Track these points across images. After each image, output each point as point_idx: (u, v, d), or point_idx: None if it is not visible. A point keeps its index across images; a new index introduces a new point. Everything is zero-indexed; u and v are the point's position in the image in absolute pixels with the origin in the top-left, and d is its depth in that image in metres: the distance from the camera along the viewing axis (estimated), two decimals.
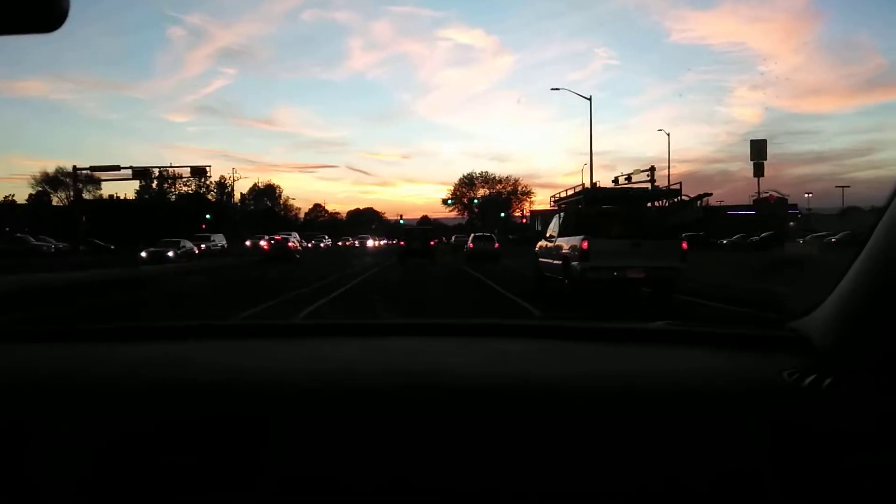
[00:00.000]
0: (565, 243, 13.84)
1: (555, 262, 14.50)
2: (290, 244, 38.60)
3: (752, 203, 68.60)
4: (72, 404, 1.09)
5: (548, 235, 16.10)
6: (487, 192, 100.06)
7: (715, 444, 0.93)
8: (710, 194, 26.73)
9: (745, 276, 16.77)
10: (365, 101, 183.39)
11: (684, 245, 12.79)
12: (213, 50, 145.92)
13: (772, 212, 57.27)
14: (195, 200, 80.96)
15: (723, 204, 64.59)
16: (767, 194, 63.41)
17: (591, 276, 12.55)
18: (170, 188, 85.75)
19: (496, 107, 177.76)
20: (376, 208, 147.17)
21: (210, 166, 47.57)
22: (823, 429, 0.91)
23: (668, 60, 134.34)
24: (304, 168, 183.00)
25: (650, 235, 12.86)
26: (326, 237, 77.45)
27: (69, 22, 0.81)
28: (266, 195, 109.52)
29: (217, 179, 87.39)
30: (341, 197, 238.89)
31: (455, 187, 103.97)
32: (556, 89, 39.59)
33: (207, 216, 57.05)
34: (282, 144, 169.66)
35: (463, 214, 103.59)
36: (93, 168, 48.36)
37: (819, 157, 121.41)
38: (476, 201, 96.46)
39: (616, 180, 35.56)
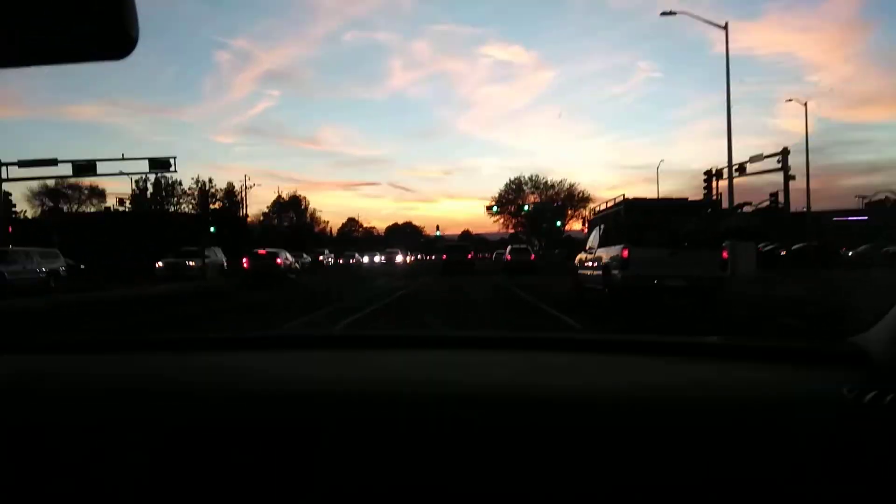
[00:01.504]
0: (605, 253, 14.12)
1: (595, 272, 14.76)
2: (278, 261, 29.93)
3: (863, 207, 60.38)
4: (132, 412, 1.12)
5: (587, 247, 16.38)
6: (538, 198, 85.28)
7: (774, 459, 0.92)
8: (749, 203, 25.50)
9: None
10: (406, 118, 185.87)
11: (724, 254, 12.96)
12: (258, 73, 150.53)
13: (891, 216, 49.95)
14: (205, 212, 68.11)
15: (826, 209, 56.31)
16: (884, 195, 56.09)
17: (631, 284, 12.78)
18: (174, 199, 74.19)
19: (536, 121, 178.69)
20: (418, 224, 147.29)
21: (175, 157, 37.09)
22: (884, 445, 0.90)
23: (713, 72, 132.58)
24: (346, 186, 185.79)
25: (690, 244, 13.06)
26: (327, 251, 62.46)
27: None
28: (291, 207, 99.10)
29: (225, 187, 77.10)
30: (384, 214, 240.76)
31: (501, 194, 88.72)
32: (670, 13, 29.88)
33: (212, 229, 48.60)
34: (325, 163, 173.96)
35: (509, 226, 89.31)
36: (21, 163, 36.61)
37: (872, 168, 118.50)
38: (526, 208, 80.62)
39: (742, 168, 31.84)
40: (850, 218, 56.73)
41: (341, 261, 62.43)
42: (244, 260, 30.07)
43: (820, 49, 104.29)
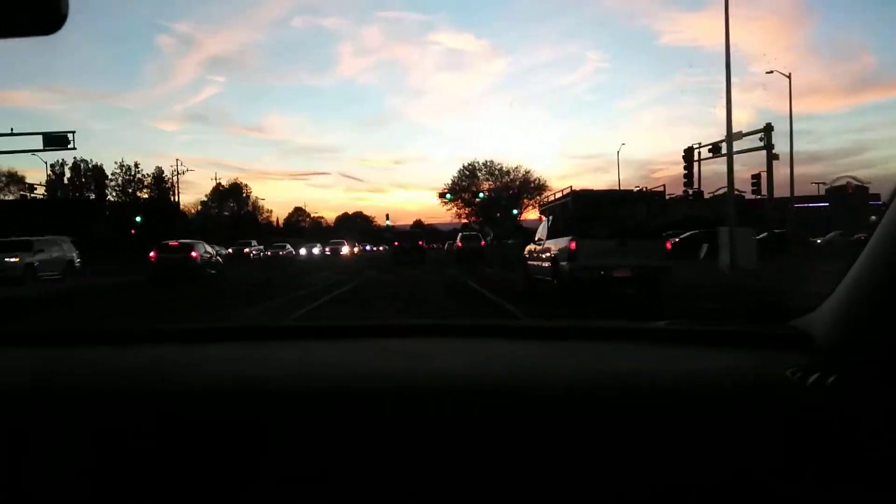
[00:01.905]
0: (554, 245, 14.28)
1: (543, 264, 14.93)
2: (193, 254, 24.41)
3: (824, 194, 59.24)
4: (74, 407, 1.09)
5: (536, 238, 16.54)
6: (492, 186, 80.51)
7: (720, 442, 0.94)
8: (692, 196, 25.18)
9: None
10: (356, 107, 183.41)
11: (668, 245, 13.25)
12: (202, 58, 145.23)
13: (850, 203, 49.49)
14: (100, 198, 63.71)
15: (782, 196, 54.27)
16: (845, 181, 54.73)
17: (578, 275, 12.96)
18: (93, 184, 67.40)
19: (488, 111, 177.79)
20: (369, 214, 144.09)
21: (74, 132, 34.75)
22: (828, 426, 0.92)
23: (660, 62, 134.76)
24: (296, 175, 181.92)
25: (636, 236, 13.31)
26: (254, 242, 53.22)
27: (58, 31, 0.82)
28: (231, 196, 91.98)
29: (154, 172, 70.75)
30: (334, 204, 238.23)
31: (454, 181, 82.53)
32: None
33: (137, 219, 46.94)
34: (273, 152, 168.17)
35: (461, 216, 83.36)
36: None
37: (812, 158, 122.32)
38: (481, 196, 76.39)
39: (716, 147, 29.97)
40: (810, 205, 55.73)
41: (270, 253, 52.82)
42: (152, 253, 24.43)
43: (762, 40, 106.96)
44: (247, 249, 50.76)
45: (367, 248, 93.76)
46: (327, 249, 59.83)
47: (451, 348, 1.40)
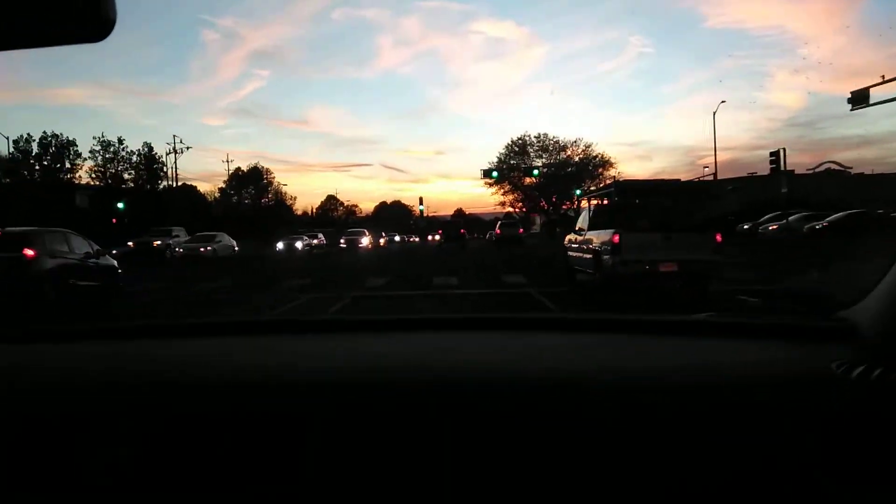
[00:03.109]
0: (595, 237, 13.68)
1: (585, 255, 14.36)
2: (27, 252, 12.35)
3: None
4: (111, 401, 1.10)
5: (577, 228, 15.95)
6: (546, 162, 67.23)
7: (765, 435, 0.93)
8: (740, 187, 22.76)
9: None
10: (397, 98, 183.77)
11: (718, 237, 12.53)
12: (246, 53, 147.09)
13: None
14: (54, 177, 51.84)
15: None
16: (825, 167, 51.30)
17: (622, 270, 12.38)
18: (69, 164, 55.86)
19: (529, 99, 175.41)
20: (408, 203, 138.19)
21: None
22: (873, 420, 0.91)
23: (705, 46, 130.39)
24: (338, 167, 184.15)
25: (683, 228, 12.62)
26: (179, 234, 35.03)
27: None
28: (251, 182, 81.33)
29: (141, 150, 59.61)
30: (377, 195, 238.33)
31: (500, 159, 68.47)
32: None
33: (120, 205, 39.89)
34: (316, 144, 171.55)
35: (506, 203, 71.06)
36: None
37: (864, 141, 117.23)
38: (536, 173, 60.58)
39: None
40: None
41: (204, 249, 31.35)
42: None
43: (811, 22, 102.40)
44: (158, 242, 32.16)
45: (396, 238, 78.35)
46: (342, 241, 45.65)
47: (480, 342, 1.40)
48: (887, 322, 1.03)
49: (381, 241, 55.06)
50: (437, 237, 51.24)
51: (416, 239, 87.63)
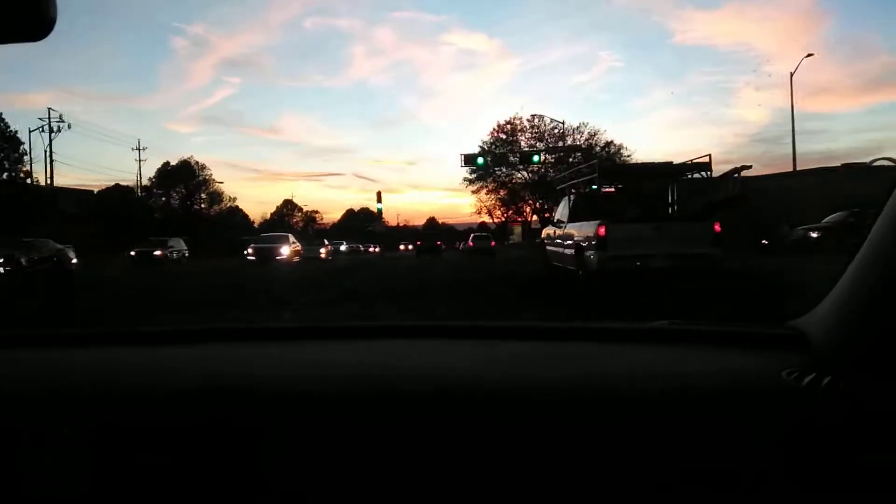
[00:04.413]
0: (577, 230, 12.05)
1: (566, 251, 12.73)
2: None
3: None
4: (69, 408, 1.10)
5: (556, 220, 14.32)
6: (541, 151, 51.07)
7: (715, 444, 0.93)
8: (750, 166, 20.12)
9: None
10: (369, 107, 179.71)
11: (717, 227, 10.93)
12: (216, 60, 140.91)
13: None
14: None
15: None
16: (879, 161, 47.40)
17: (610, 266, 10.77)
18: None
19: (501, 110, 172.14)
20: (385, 216, 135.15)
21: None
22: (823, 428, 0.91)
23: (673, 62, 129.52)
24: (310, 176, 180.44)
25: (677, 217, 11.01)
26: None
27: (74, 34, 1.10)
28: (181, 178, 69.24)
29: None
30: (349, 205, 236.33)
31: (485, 149, 55.05)
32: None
33: None
34: (288, 153, 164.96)
35: (488, 206, 61.33)
36: None
37: (828, 157, 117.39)
38: (537, 159, 47.37)
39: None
40: None
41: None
42: None
43: (776, 39, 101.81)
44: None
45: (343, 247, 60.58)
46: (249, 251, 30.85)
47: (450, 350, 1.42)
48: (837, 331, 1.02)
49: (322, 251, 38.62)
50: (411, 247, 49.48)
51: (375, 249, 71.51)
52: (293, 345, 1.52)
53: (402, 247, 76.11)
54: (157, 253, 30.95)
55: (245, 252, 31.26)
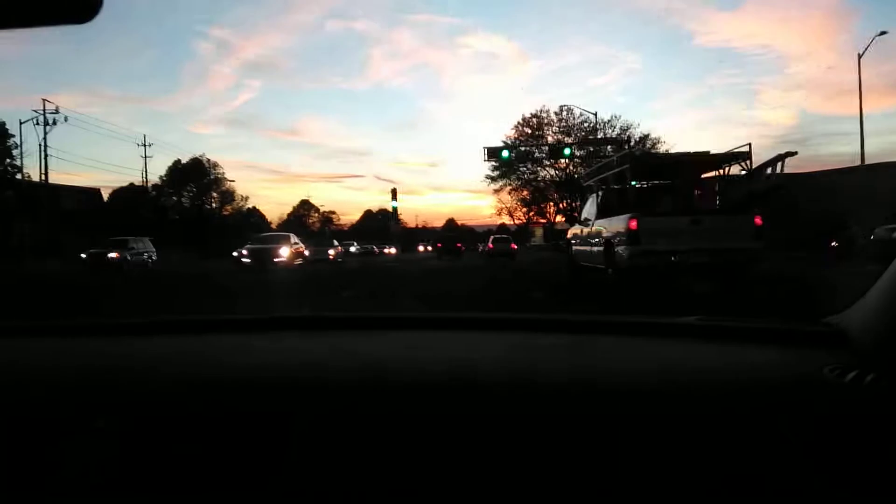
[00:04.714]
0: (607, 226, 11.43)
1: (593, 249, 12.09)
2: None
3: None
4: (97, 399, 1.09)
5: (582, 219, 13.68)
6: (574, 142, 46.45)
7: (756, 441, 0.91)
8: (795, 153, 11.32)
9: None
10: (389, 110, 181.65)
11: (758, 220, 10.24)
12: (238, 63, 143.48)
13: None
14: None
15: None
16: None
17: (642, 262, 10.12)
18: None
19: (521, 112, 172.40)
20: (404, 218, 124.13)
21: None
22: (867, 425, 0.89)
23: (693, 64, 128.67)
24: (330, 178, 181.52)
25: (714, 210, 10.36)
26: None
27: (98, 37, 1.36)
28: (193, 177, 65.81)
29: None
30: (368, 206, 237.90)
31: (510, 141, 50.51)
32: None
33: None
34: (308, 155, 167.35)
35: (509, 207, 57.60)
36: None
37: (855, 158, 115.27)
38: (568, 152, 41.63)
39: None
40: None
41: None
42: None
43: (800, 40, 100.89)
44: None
45: (353, 248, 55.01)
46: (244, 253, 26.28)
47: (466, 341, 1.40)
48: (877, 328, 1.01)
49: (330, 253, 34.23)
50: (430, 248, 49.50)
51: (392, 251, 65.86)
52: (307, 335, 1.50)
53: (420, 248, 75.11)
54: (113, 255, 26.06)
55: (237, 254, 26.00)
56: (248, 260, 24.92)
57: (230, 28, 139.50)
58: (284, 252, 25.58)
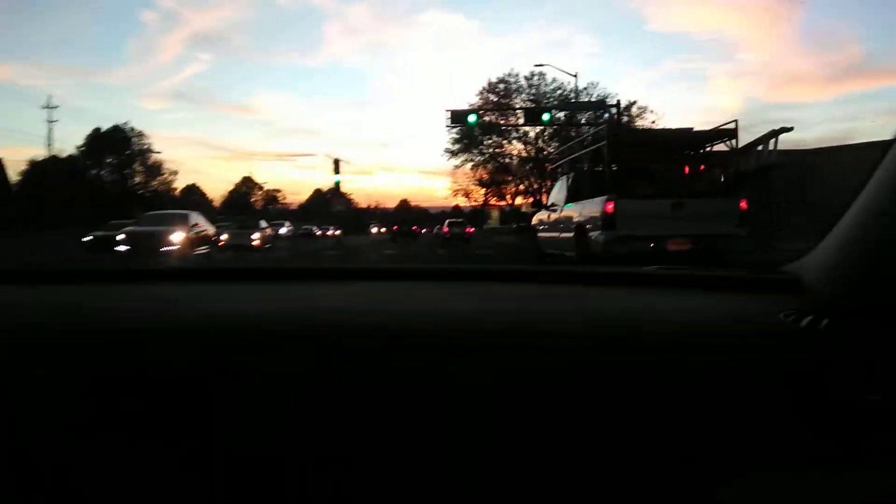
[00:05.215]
0: (578, 210, 10.49)
1: (562, 234, 11.15)
2: None
3: None
4: (47, 349, 1.06)
5: (549, 204, 12.74)
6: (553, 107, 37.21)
7: (715, 385, 0.94)
8: (791, 128, 10.35)
9: None
10: (343, 87, 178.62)
11: (743, 204, 9.43)
12: (187, 35, 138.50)
13: None
14: None
15: None
16: None
17: (618, 249, 9.21)
18: None
19: (477, 93, 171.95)
20: (357, 198, 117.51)
21: None
22: (824, 368, 0.93)
23: (648, 48, 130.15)
24: (282, 156, 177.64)
25: (697, 193, 9.51)
26: None
27: (42, 7, 0.69)
28: (112, 146, 58.95)
29: None
30: (321, 186, 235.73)
31: (476, 106, 41.26)
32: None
33: None
34: (259, 132, 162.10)
35: (469, 184, 51.89)
36: None
37: (799, 145, 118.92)
38: (547, 118, 31.20)
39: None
40: None
41: None
42: None
43: (749, 28, 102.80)
44: None
45: (284, 230, 45.30)
46: (119, 239, 18.27)
47: (447, 291, 1.39)
48: (833, 274, 1.05)
49: (255, 238, 26.78)
50: (384, 230, 50.19)
51: (336, 233, 52.45)
52: (284, 285, 1.48)
53: (374, 230, 70.27)
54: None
55: (90, 238, 21.16)
56: (125, 248, 18.07)
57: None
58: (177, 237, 18.34)
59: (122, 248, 18.03)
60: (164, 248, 17.62)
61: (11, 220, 24.96)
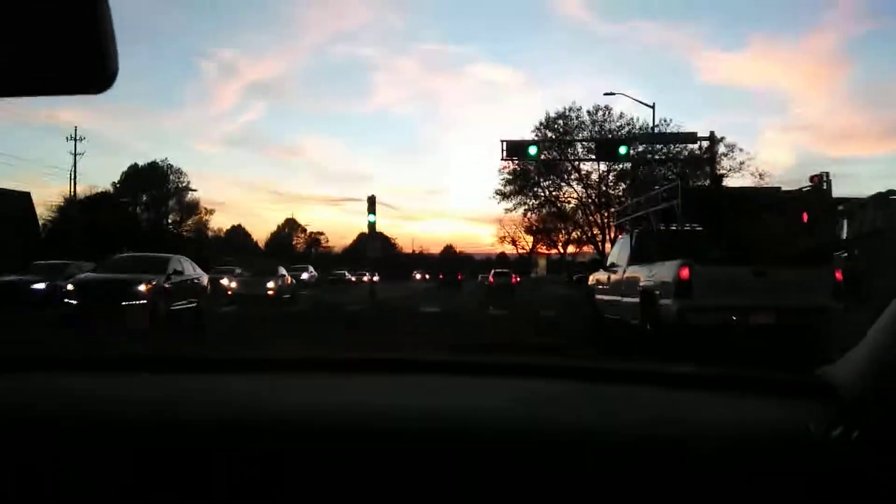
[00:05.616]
0: (644, 273, 9.50)
1: (625, 299, 10.14)
2: None
3: None
4: (72, 437, 1.05)
5: (609, 264, 11.76)
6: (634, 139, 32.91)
7: (739, 495, 0.91)
8: None
9: None
10: (391, 135, 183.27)
11: (838, 274, 8.31)
12: (243, 84, 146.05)
13: None
14: None
15: None
16: None
17: (695, 320, 8.16)
18: None
19: (532, 129, 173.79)
20: (401, 243, 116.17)
21: None
22: (852, 482, 0.89)
23: (697, 100, 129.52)
24: (331, 201, 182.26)
25: (783, 260, 8.45)
26: None
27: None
28: (148, 183, 58.35)
29: None
30: (366, 230, 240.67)
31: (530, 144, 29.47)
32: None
33: None
34: (308, 176, 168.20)
35: (506, 239, 50.59)
36: None
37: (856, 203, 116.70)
38: (624, 151, 27.12)
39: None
40: None
41: None
42: None
43: (802, 82, 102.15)
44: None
45: (305, 276, 42.59)
46: (68, 290, 14.37)
47: (474, 388, 1.35)
48: (868, 382, 0.99)
49: (269, 286, 23.44)
50: (428, 276, 57.71)
51: (369, 278, 41.02)
52: (301, 377, 1.44)
53: (417, 276, 72.27)
54: None
55: (34, 290, 18.56)
56: (74, 302, 14.04)
57: (236, 49, 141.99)
58: (143, 288, 13.88)
59: (70, 301, 14.09)
60: (126, 303, 13.44)
61: (35, 258, 24.48)
